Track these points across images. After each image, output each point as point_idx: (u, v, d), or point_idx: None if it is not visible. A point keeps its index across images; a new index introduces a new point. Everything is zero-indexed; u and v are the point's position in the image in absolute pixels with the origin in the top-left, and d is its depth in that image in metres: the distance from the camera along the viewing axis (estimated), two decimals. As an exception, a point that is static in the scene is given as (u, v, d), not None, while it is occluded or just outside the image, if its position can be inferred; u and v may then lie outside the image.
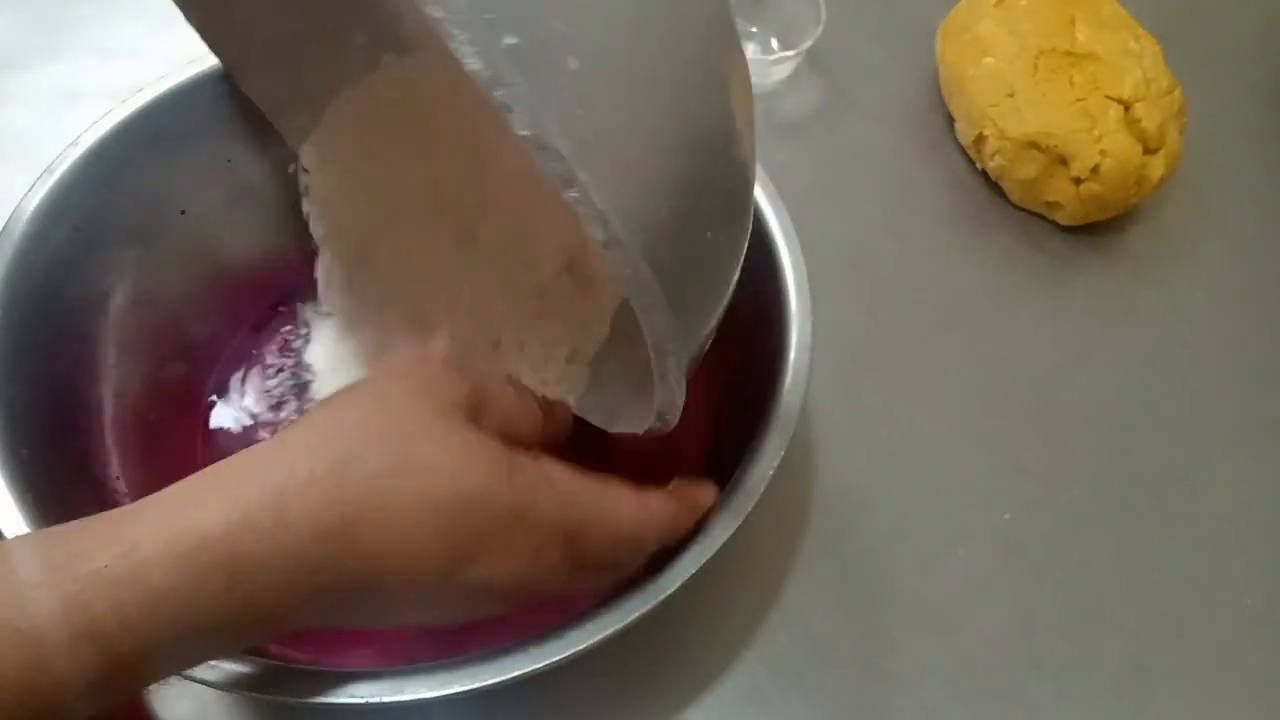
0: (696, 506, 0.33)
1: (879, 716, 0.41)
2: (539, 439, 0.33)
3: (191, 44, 0.38)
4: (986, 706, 0.42)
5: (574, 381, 0.37)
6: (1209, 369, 0.52)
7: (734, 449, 0.37)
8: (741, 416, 0.38)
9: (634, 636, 0.31)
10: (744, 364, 0.39)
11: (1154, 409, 0.50)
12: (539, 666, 0.31)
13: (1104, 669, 0.43)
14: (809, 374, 0.37)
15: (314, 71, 0.39)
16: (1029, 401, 0.50)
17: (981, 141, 0.55)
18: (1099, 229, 0.55)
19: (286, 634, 0.26)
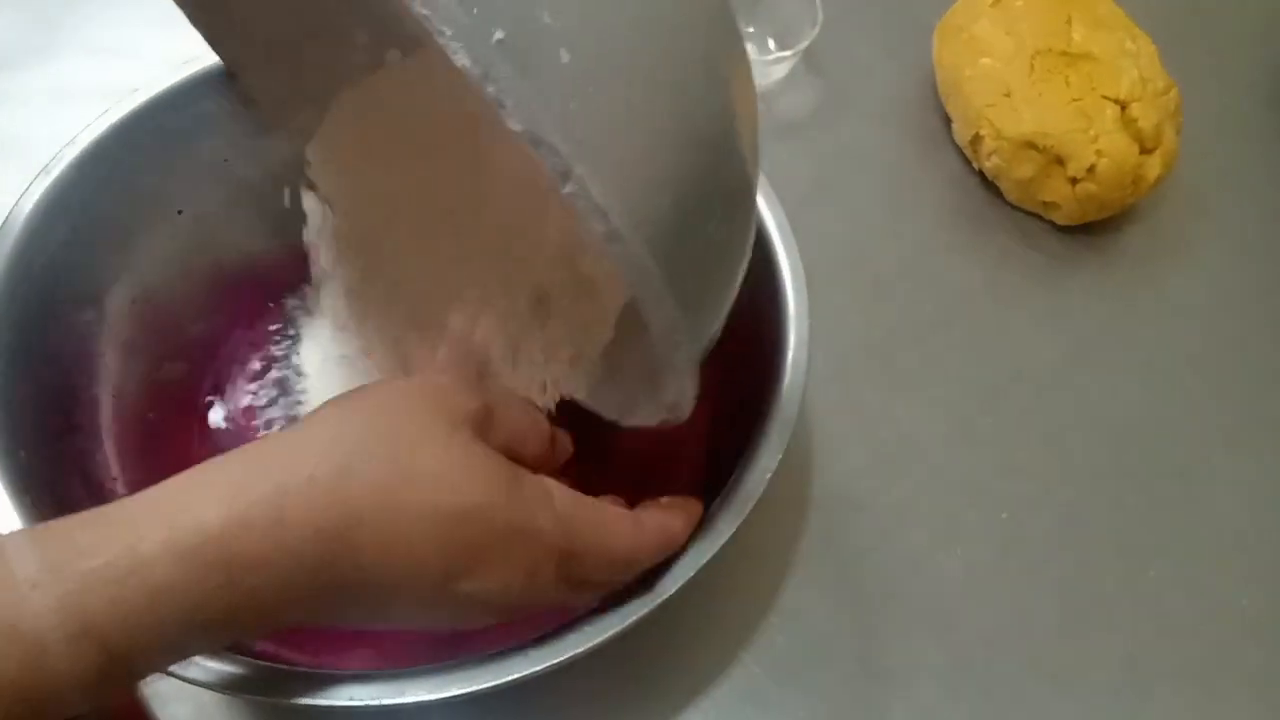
0: (690, 524, 0.33)
1: (877, 716, 0.41)
2: (545, 458, 0.33)
3: (189, 43, 0.38)
4: (984, 706, 0.42)
5: (576, 382, 0.37)
6: (1206, 368, 0.52)
7: (732, 449, 0.37)
8: (740, 416, 0.38)
9: (632, 638, 0.31)
10: (742, 364, 0.39)
11: (1151, 409, 0.50)
12: (537, 669, 0.31)
13: (1102, 669, 0.43)
14: (807, 374, 0.37)
15: (315, 70, 0.39)
16: (1026, 401, 0.50)
17: (978, 141, 0.55)
18: (1096, 229, 0.55)
19: (282, 629, 0.27)
